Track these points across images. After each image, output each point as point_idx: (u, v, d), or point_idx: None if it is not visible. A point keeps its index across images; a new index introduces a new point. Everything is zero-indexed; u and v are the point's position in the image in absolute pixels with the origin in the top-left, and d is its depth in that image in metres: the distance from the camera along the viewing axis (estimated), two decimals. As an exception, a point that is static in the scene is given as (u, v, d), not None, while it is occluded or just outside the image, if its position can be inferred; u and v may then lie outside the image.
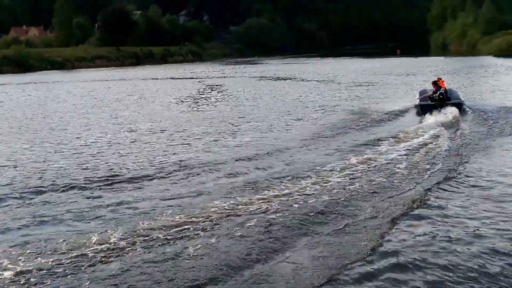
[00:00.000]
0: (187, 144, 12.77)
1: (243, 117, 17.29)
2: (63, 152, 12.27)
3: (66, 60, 72.14)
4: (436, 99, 17.17)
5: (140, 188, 8.88)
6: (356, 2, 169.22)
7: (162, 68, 62.78)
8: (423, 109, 17.02)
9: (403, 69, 40.18)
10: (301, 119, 16.55)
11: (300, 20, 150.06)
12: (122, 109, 20.74)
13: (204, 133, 14.30)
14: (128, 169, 10.22)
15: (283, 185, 8.63)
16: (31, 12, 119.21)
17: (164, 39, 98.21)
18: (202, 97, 25.10)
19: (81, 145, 12.98)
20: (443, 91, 17.25)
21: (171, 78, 41.68)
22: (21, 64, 64.37)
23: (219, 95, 25.89)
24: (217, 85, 31.86)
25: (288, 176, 9.12)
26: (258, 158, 10.72)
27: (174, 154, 11.58)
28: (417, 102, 18.01)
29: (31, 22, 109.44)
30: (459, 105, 16.86)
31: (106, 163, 10.87)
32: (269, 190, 8.28)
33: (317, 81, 32.55)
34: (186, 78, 41.11)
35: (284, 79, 35.87)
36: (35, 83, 41.04)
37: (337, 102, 20.70)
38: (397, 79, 31.35)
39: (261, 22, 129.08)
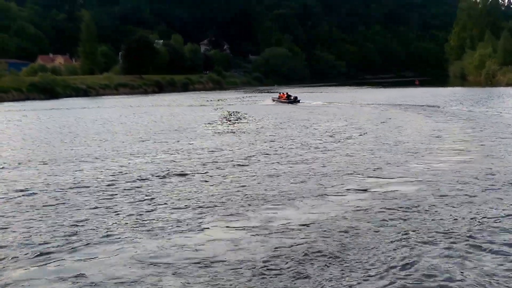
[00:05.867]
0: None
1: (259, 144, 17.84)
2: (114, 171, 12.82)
3: (90, 87, 73.96)
4: (292, 99, 38.48)
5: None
6: (373, 33, 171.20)
7: (184, 96, 63.92)
8: (290, 103, 37.94)
9: (425, 98, 40.45)
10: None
11: (318, 49, 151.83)
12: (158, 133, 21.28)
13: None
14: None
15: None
16: (57, 41, 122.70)
17: (185, 68, 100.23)
18: (234, 123, 25.73)
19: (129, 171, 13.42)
20: (294, 96, 39.23)
21: (201, 105, 42.41)
22: (47, 91, 66.10)
23: (246, 121, 26.52)
24: (239, 112, 32.63)
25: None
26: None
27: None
28: (274, 101, 40.30)
29: (57, 51, 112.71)
30: (299, 101, 38.24)
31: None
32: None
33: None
34: (208, 106, 41.87)
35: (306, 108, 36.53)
36: (82, 108, 42.13)
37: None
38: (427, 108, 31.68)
39: (280, 51, 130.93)
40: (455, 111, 27.85)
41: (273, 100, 40.75)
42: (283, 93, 40.86)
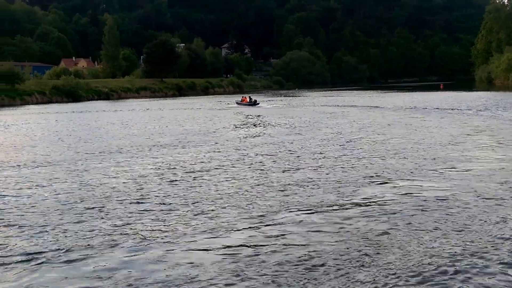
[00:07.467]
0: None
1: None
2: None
3: (112, 91, 74.41)
4: (252, 102, 43.19)
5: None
6: (396, 36, 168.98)
7: (203, 99, 63.63)
8: (252, 105, 42.48)
9: (449, 103, 39.37)
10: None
11: (341, 53, 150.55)
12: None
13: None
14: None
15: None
16: (80, 45, 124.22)
17: (206, 71, 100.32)
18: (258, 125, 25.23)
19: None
20: (254, 99, 43.96)
21: (220, 109, 42.06)
22: (70, 94, 66.61)
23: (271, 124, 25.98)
24: (258, 115, 32.06)
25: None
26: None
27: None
28: (237, 104, 45.22)
29: (80, 54, 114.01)
30: (258, 104, 43.03)
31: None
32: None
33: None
34: (225, 109, 41.52)
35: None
36: (112, 111, 42.15)
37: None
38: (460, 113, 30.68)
39: (301, 54, 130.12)
40: (484, 115, 26.80)
41: (237, 103, 45.62)
42: (245, 97, 46.16)
